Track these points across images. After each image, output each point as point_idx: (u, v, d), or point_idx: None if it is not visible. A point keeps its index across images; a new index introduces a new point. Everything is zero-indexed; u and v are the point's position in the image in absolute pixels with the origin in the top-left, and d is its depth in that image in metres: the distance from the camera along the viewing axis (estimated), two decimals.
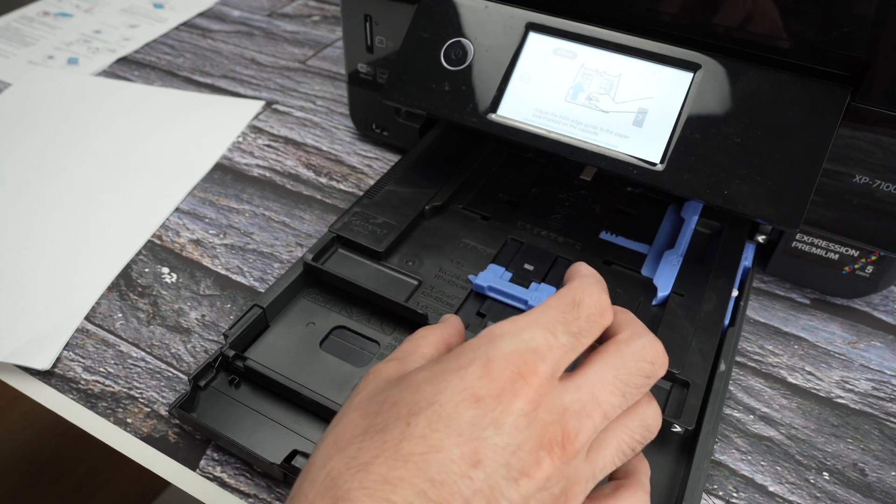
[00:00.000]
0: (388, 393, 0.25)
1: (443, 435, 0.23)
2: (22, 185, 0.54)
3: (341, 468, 0.23)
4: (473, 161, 0.51)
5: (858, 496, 0.36)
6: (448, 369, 0.25)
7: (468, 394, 0.24)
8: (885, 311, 0.47)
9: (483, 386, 0.24)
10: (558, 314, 0.26)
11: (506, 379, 0.24)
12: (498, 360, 0.24)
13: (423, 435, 0.23)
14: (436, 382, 0.24)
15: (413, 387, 0.25)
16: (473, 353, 0.25)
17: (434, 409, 0.24)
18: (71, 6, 0.82)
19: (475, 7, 0.43)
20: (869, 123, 0.37)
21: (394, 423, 0.24)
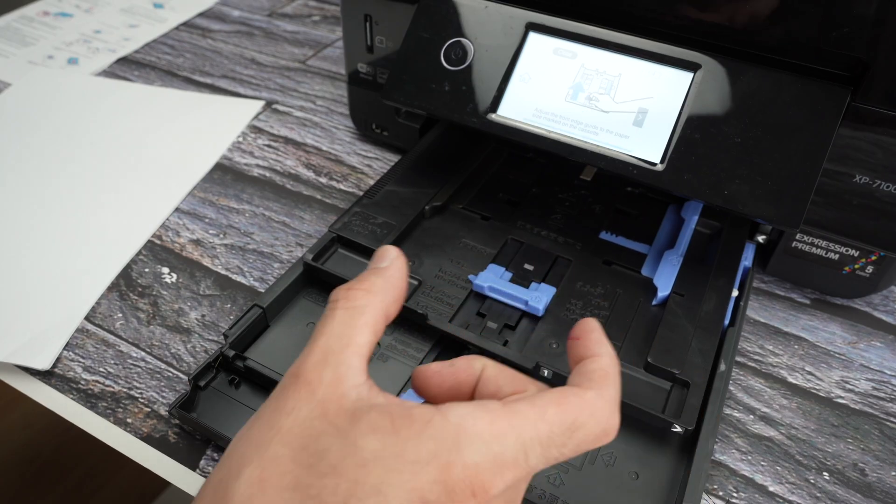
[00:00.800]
0: (327, 444, 0.22)
1: None
2: (22, 185, 0.54)
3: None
4: (473, 161, 0.51)
5: (859, 496, 0.36)
6: (402, 456, 0.22)
7: (416, 496, 0.21)
8: (886, 310, 0.47)
9: (434, 491, 0.21)
10: (545, 435, 0.23)
11: (459, 492, 0.21)
12: (458, 468, 0.21)
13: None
14: (385, 467, 0.21)
15: (358, 459, 0.22)
16: (436, 446, 0.22)
17: (377, 501, 0.21)
18: (71, 6, 0.81)
19: (475, 7, 0.43)
20: (869, 123, 0.37)
21: (330, 497, 0.21)
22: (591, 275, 0.43)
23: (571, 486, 0.33)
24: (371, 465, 0.21)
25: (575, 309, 0.40)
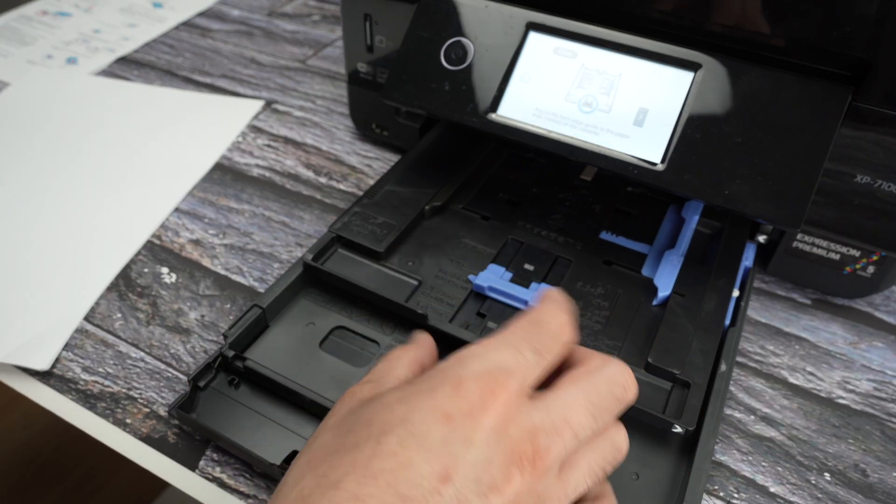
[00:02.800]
0: (360, 412, 0.26)
1: (413, 452, 0.23)
2: (20, 184, 0.54)
3: (312, 487, 0.23)
4: (473, 161, 0.51)
5: (860, 497, 0.36)
6: (420, 390, 0.25)
7: (439, 412, 0.24)
8: (887, 311, 0.47)
9: (454, 404, 0.24)
10: (522, 333, 0.27)
11: (475, 397, 0.24)
12: (468, 379, 0.25)
13: (394, 452, 0.23)
14: (408, 402, 0.25)
15: (385, 406, 0.25)
16: (444, 374, 0.25)
17: (405, 427, 0.24)
18: (70, 5, 0.81)
19: (475, 6, 0.43)
20: (870, 123, 0.37)
21: (365, 441, 0.24)
22: (591, 275, 0.43)
23: None
24: (396, 405, 0.25)
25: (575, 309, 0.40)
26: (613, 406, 0.27)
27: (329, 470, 0.24)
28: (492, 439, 0.24)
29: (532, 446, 0.24)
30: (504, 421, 0.24)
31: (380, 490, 0.23)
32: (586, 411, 0.26)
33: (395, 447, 0.23)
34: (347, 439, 0.25)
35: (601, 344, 0.38)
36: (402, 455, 0.23)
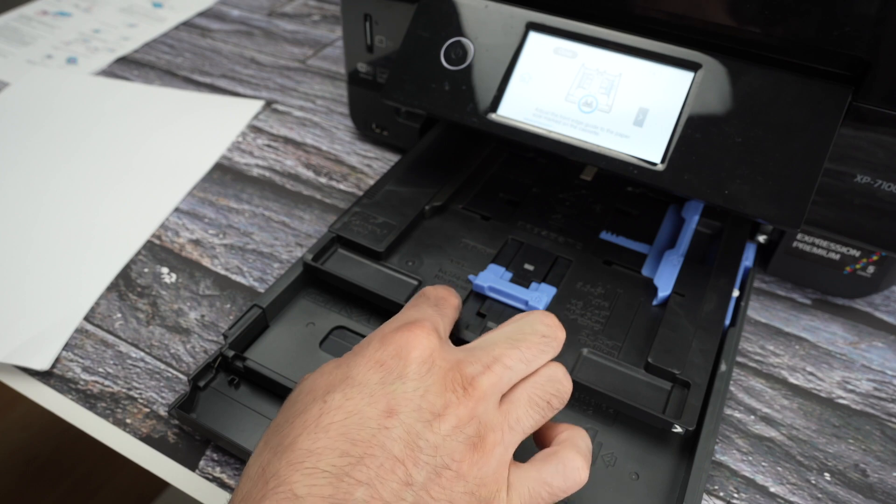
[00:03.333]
0: (300, 388, 0.28)
1: (357, 400, 0.26)
2: (20, 184, 0.54)
3: (269, 457, 0.25)
4: (473, 161, 0.51)
5: (860, 497, 0.36)
6: (351, 354, 0.29)
7: (372, 361, 0.27)
8: (887, 311, 0.47)
9: (383, 352, 0.28)
10: (414, 300, 0.33)
11: (400, 341, 0.28)
12: (388, 333, 0.29)
13: (340, 405, 0.26)
14: (345, 366, 0.28)
15: (324, 374, 0.28)
16: (367, 339, 0.29)
17: (347, 383, 0.27)
18: (70, 5, 0.81)
19: (475, 6, 0.43)
20: (870, 123, 0.37)
21: (311, 404, 0.26)
22: (591, 275, 0.43)
23: None
24: (333, 370, 0.28)
25: (575, 309, 0.40)
26: (542, 344, 0.30)
27: (282, 438, 0.26)
28: (423, 370, 0.27)
29: (460, 374, 0.27)
30: (429, 351, 0.27)
31: (332, 441, 0.25)
32: (511, 348, 0.29)
33: (341, 401, 0.26)
34: (294, 409, 0.27)
35: (601, 343, 0.38)
36: (348, 405, 0.26)
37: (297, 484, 0.24)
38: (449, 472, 0.25)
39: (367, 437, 0.25)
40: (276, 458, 0.25)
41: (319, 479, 0.24)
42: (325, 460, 0.24)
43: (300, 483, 0.24)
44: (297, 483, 0.24)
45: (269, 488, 0.24)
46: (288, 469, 0.24)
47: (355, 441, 0.25)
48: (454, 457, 0.26)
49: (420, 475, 0.25)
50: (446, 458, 0.25)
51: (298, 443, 0.25)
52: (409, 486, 0.24)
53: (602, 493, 0.33)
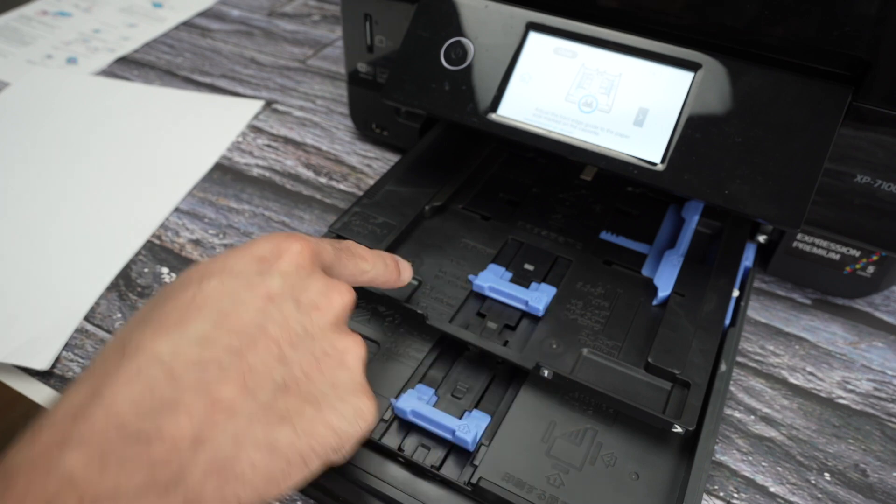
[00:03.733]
0: (173, 282, 0.27)
1: (235, 286, 0.26)
2: (21, 184, 0.54)
3: (129, 331, 0.24)
4: (473, 161, 0.51)
5: (860, 497, 0.36)
6: (233, 251, 0.28)
7: (251, 256, 0.27)
8: (887, 311, 0.47)
9: (262, 248, 0.27)
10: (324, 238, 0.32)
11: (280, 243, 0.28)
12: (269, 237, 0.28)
13: (217, 289, 0.25)
14: (221, 259, 0.27)
15: (200, 266, 0.27)
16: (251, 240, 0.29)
17: (224, 272, 0.26)
18: (70, 5, 0.81)
19: (475, 6, 0.43)
20: (870, 123, 0.37)
21: (184, 289, 0.25)
22: (591, 275, 0.43)
23: (571, 487, 0.33)
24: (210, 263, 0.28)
25: (575, 309, 0.40)
26: None
27: (146, 317, 0.25)
28: (301, 272, 0.27)
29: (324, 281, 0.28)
30: (309, 260, 0.28)
31: (203, 316, 0.24)
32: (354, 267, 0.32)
33: (217, 286, 0.25)
34: (166, 295, 0.26)
35: (601, 343, 0.38)
36: (225, 289, 0.25)
37: (162, 348, 0.23)
38: (329, 361, 0.26)
39: (242, 315, 0.25)
40: (139, 331, 0.24)
41: (186, 345, 0.23)
42: (193, 329, 0.24)
43: (165, 348, 0.23)
44: (161, 348, 0.23)
45: (127, 355, 0.23)
46: (152, 336, 0.23)
47: (228, 316, 0.24)
48: (336, 346, 0.27)
49: (295, 356, 0.25)
50: (326, 346, 0.26)
51: (166, 316, 0.24)
52: (282, 363, 0.25)
53: (602, 492, 0.33)
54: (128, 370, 0.22)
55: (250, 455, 0.23)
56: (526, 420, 0.36)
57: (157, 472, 0.21)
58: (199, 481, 0.22)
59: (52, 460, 0.21)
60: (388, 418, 0.35)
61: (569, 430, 0.35)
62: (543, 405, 0.36)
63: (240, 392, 0.23)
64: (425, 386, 0.36)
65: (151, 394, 0.22)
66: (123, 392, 0.22)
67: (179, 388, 0.22)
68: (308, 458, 0.24)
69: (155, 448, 0.21)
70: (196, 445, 0.22)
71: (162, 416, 0.22)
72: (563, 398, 0.37)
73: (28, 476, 0.20)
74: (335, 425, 0.25)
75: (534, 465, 0.33)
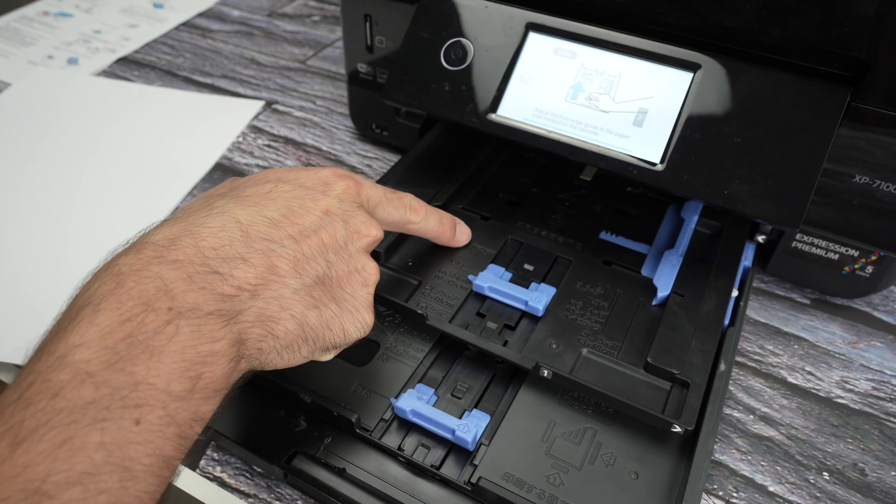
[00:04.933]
0: (252, 178, 0.33)
1: (302, 194, 0.31)
2: (21, 185, 0.54)
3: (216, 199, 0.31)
4: (473, 161, 0.51)
5: (858, 496, 0.36)
6: (303, 167, 0.36)
7: (320, 178, 0.33)
8: (886, 311, 0.47)
9: (334, 173, 0.34)
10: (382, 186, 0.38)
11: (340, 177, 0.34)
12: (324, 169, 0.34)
13: (289, 191, 0.31)
14: (294, 172, 0.33)
15: (275, 172, 0.33)
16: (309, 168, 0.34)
17: (296, 182, 0.32)
18: (70, 6, 0.82)
19: (475, 7, 0.43)
20: (869, 123, 0.37)
21: (261, 184, 0.32)
22: (591, 275, 0.43)
23: (571, 486, 0.33)
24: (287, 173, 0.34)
25: (575, 309, 0.40)
26: None
27: (230, 194, 0.31)
28: (348, 197, 0.33)
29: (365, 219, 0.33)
30: (352, 193, 0.33)
31: (277, 206, 0.30)
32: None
33: (291, 189, 0.31)
34: (244, 184, 0.32)
35: (601, 343, 0.38)
36: (296, 192, 0.31)
37: (242, 216, 0.29)
38: (357, 276, 0.32)
39: (304, 217, 0.30)
40: (223, 200, 0.30)
41: (261, 220, 0.29)
42: (268, 211, 0.29)
43: (244, 217, 0.29)
44: (242, 215, 0.29)
45: (213, 212, 0.28)
46: (235, 206, 0.29)
47: (295, 213, 0.30)
48: (364, 266, 0.32)
49: (335, 260, 0.31)
50: (357, 264, 0.32)
51: (247, 198, 0.30)
52: (325, 261, 0.30)
53: (601, 492, 0.33)
54: (213, 223, 0.28)
55: (286, 321, 0.28)
56: (525, 420, 0.36)
57: (224, 304, 0.26)
58: (249, 324, 0.27)
59: (153, 270, 0.25)
60: (388, 418, 0.35)
61: (568, 429, 0.35)
62: (543, 405, 0.36)
63: (291, 269, 0.29)
64: (425, 386, 0.37)
65: (230, 245, 0.27)
66: (209, 236, 0.27)
67: (250, 248, 0.28)
68: (319, 342, 0.30)
69: (227, 284, 0.26)
70: (254, 295, 0.27)
71: (235, 264, 0.27)
72: (562, 398, 0.37)
73: (135, 278, 0.25)
74: (346, 327, 0.31)
75: (533, 464, 0.34)
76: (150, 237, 0.27)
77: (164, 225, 0.28)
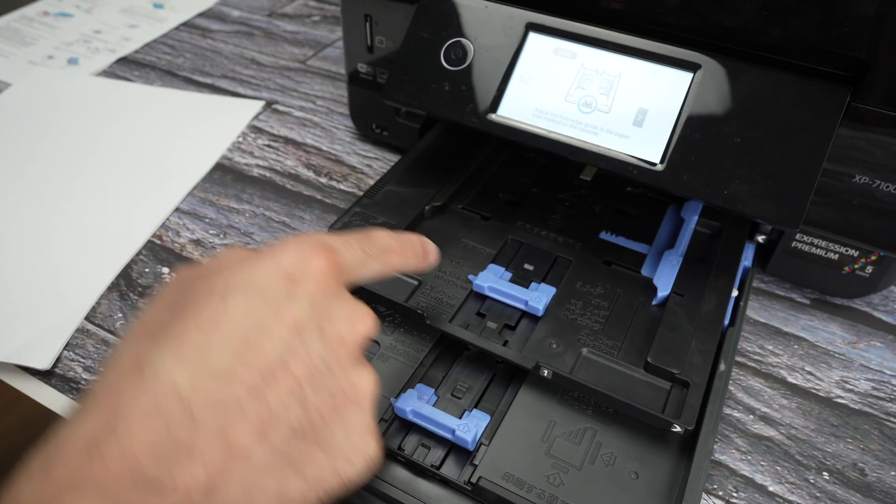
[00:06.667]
0: (198, 282, 0.25)
1: (261, 308, 0.24)
2: (22, 185, 0.54)
3: (148, 346, 0.23)
4: (473, 161, 0.51)
5: (858, 496, 0.36)
6: (259, 255, 0.26)
7: (280, 272, 0.25)
8: (885, 311, 0.47)
9: (291, 263, 0.25)
10: (354, 236, 0.29)
11: (313, 260, 0.26)
12: (305, 245, 0.26)
13: (242, 310, 0.24)
14: (248, 266, 0.25)
15: (225, 268, 0.25)
16: (282, 243, 0.27)
17: (250, 287, 0.24)
18: (71, 6, 0.82)
19: (475, 7, 0.43)
20: (869, 123, 0.37)
21: (206, 300, 0.24)
22: (591, 275, 0.43)
23: (571, 486, 0.33)
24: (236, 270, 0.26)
25: (575, 309, 0.40)
26: None
27: (166, 328, 0.23)
28: (328, 296, 0.26)
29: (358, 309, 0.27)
30: (333, 283, 0.26)
31: (226, 341, 0.23)
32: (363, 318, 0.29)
33: (243, 305, 0.24)
34: (184, 300, 0.24)
35: (601, 343, 0.38)
36: (251, 311, 0.24)
37: (182, 379, 0.22)
38: (347, 402, 0.25)
39: (266, 348, 0.23)
40: (157, 346, 0.22)
41: (207, 377, 0.22)
42: (215, 358, 0.22)
43: (184, 379, 0.22)
44: (181, 378, 0.22)
45: (146, 379, 0.22)
46: (172, 361, 0.22)
47: (252, 347, 0.23)
48: (352, 382, 0.25)
49: (314, 396, 0.24)
50: (344, 383, 0.25)
51: (185, 334, 0.22)
52: (301, 404, 0.24)
53: (601, 492, 0.33)
54: (145, 403, 0.21)
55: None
56: (525, 419, 0.36)
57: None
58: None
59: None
60: (388, 418, 0.35)
61: (568, 429, 0.35)
62: (543, 405, 0.36)
63: (256, 437, 0.22)
64: (425, 386, 0.37)
65: (168, 435, 0.21)
66: (140, 430, 0.21)
67: (197, 430, 0.21)
68: (312, 502, 0.24)
69: (168, 498, 0.21)
70: (208, 496, 0.21)
71: (178, 462, 0.21)
72: (562, 398, 0.37)
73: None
74: (342, 470, 0.25)
75: (533, 464, 0.34)
76: (66, 443, 0.21)
77: (84, 415, 0.22)
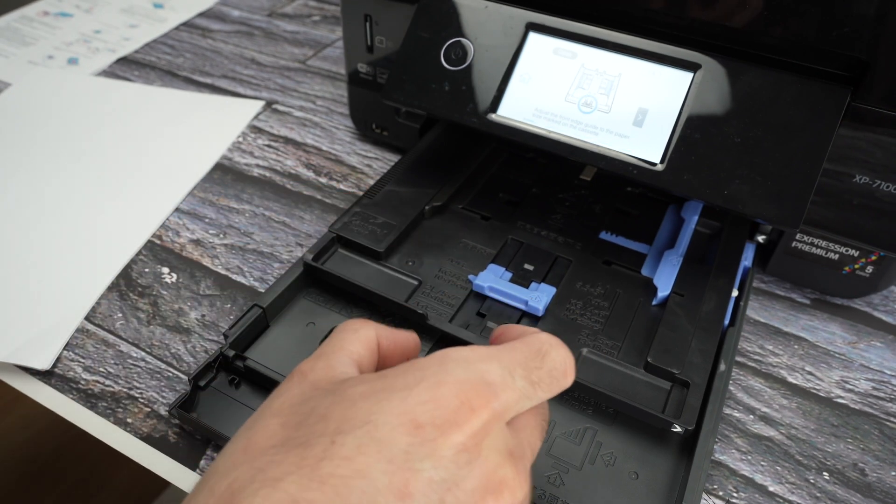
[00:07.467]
0: (315, 403, 0.23)
1: (372, 460, 0.20)
2: (22, 185, 0.54)
3: (245, 480, 0.21)
4: (473, 161, 0.51)
5: (858, 496, 0.36)
6: (390, 387, 0.22)
7: (408, 418, 0.21)
8: (886, 311, 0.47)
9: (426, 412, 0.21)
10: (521, 357, 0.24)
11: (452, 408, 0.22)
12: (448, 385, 0.22)
13: (349, 456, 0.20)
14: (374, 400, 0.22)
15: (346, 402, 0.22)
16: (421, 372, 0.22)
17: (366, 430, 0.21)
18: (71, 6, 0.81)
19: (475, 7, 0.43)
20: (869, 123, 0.37)
21: (317, 438, 0.21)
22: (591, 275, 0.43)
23: (571, 486, 0.33)
24: (360, 402, 0.22)
25: (575, 309, 0.40)
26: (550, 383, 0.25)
27: (269, 464, 0.21)
28: (462, 459, 0.21)
29: (505, 475, 0.22)
30: (477, 440, 0.22)
31: (325, 497, 0.20)
32: (541, 433, 0.26)
33: (352, 451, 0.21)
34: (297, 432, 0.22)
35: (601, 343, 0.38)
36: (358, 461, 0.20)
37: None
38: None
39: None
40: (252, 490, 0.20)
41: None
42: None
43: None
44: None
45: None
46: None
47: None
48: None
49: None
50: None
51: (285, 483, 0.20)
52: None
53: (601, 492, 0.33)
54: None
55: None
56: None
57: None
58: None
59: None
60: None
61: (568, 429, 0.35)
62: None
63: None
64: None
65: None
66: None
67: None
68: None
69: None
70: None
71: None
72: (562, 398, 0.37)
73: None
74: None
75: (533, 464, 0.34)
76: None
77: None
